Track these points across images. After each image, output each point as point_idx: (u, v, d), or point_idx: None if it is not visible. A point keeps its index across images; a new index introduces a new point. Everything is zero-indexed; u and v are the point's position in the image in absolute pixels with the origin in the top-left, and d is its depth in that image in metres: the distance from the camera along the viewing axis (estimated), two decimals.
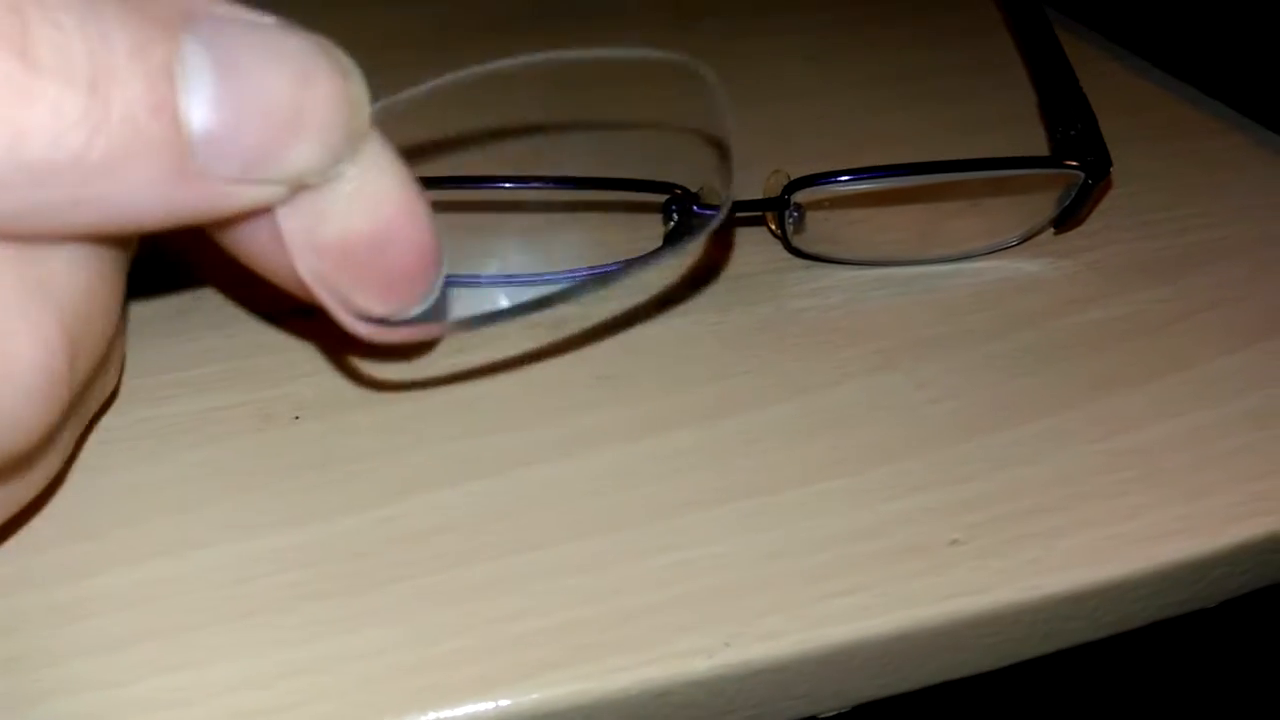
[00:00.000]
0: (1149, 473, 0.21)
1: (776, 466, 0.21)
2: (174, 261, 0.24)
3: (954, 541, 0.19)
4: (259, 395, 0.21)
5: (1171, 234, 0.28)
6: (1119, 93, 0.34)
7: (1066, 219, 0.26)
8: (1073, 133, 0.26)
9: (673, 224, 0.24)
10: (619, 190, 0.24)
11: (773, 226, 0.25)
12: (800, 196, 0.24)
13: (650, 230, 0.25)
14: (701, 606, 0.18)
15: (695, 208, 0.23)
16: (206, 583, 0.18)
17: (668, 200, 0.24)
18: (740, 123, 0.32)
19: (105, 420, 0.20)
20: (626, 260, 0.23)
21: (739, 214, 0.25)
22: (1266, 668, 0.34)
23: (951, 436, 0.22)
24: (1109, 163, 0.25)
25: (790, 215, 0.24)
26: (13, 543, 0.18)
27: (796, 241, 0.25)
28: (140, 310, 0.23)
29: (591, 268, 0.24)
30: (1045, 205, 0.26)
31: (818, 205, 0.25)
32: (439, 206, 0.16)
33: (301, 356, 0.22)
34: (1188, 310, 0.25)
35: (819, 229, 0.25)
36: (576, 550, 0.19)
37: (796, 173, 0.25)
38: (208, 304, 0.23)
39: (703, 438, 0.21)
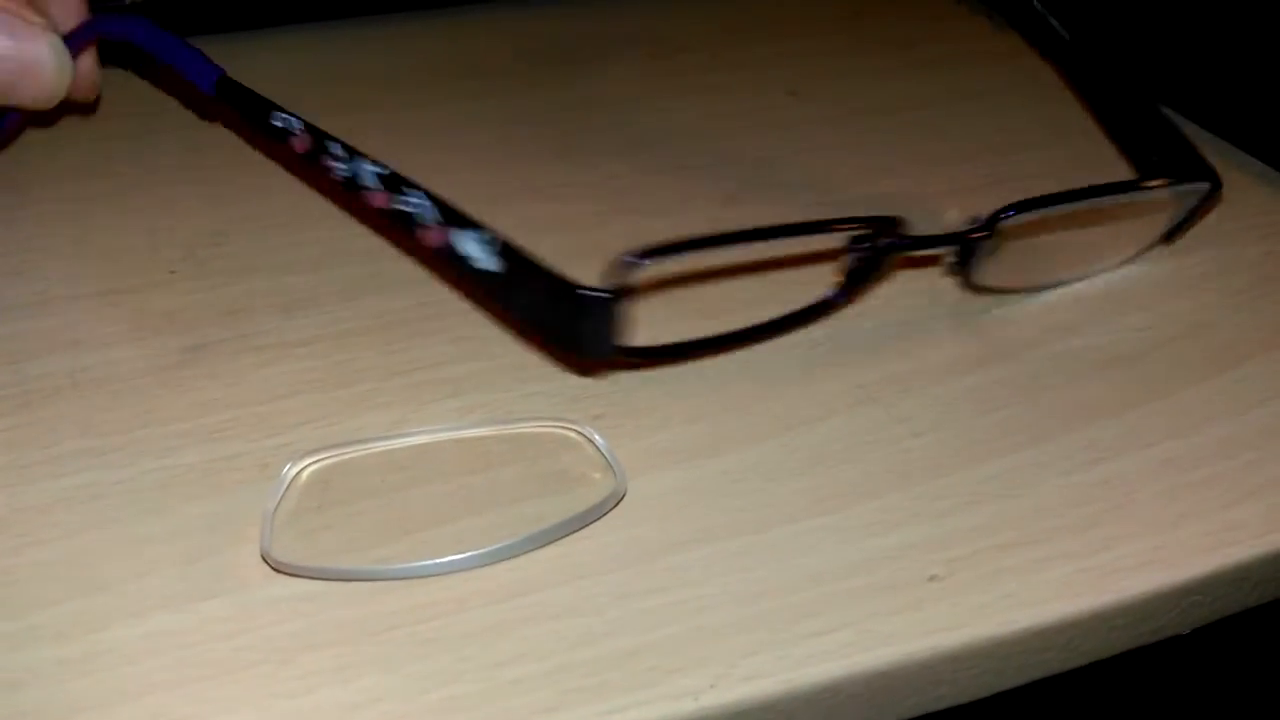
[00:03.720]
0: (1122, 504, 0.22)
1: (762, 505, 0.21)
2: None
3: (933, 577, 0.20)
4: (258, 445, 0.22)
5: (1149, 261, 0.28)
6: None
7: (1177, 232, 0.28)
8: (1156, 157, 0.29)
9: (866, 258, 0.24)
10: (814, 233, 0.24)
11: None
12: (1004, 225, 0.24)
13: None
14: (689, 648, 0.18)
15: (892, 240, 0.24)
16: (210, 635, 0.18)
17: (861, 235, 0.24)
18: (722, 157, 0.32)
19: (112, 472, 0.21)
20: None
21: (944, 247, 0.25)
22: (1239, 691, 0.35)
23: (931, 471, 0.22)
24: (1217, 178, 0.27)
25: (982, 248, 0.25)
26: (21, 597, 0.19)
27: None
28: (142, 362, 0.24)
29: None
30: (1153, 224, 0.28)
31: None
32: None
33: (300, 404, 0.23)
34: (1163, 338, 0.26)
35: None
36: (565, 594, 0.19)
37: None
38: (208, 355, 0.24)
39: (689, 478, 0.22)
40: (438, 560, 0.20)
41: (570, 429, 0.23)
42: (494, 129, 0.33)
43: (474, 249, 0.22)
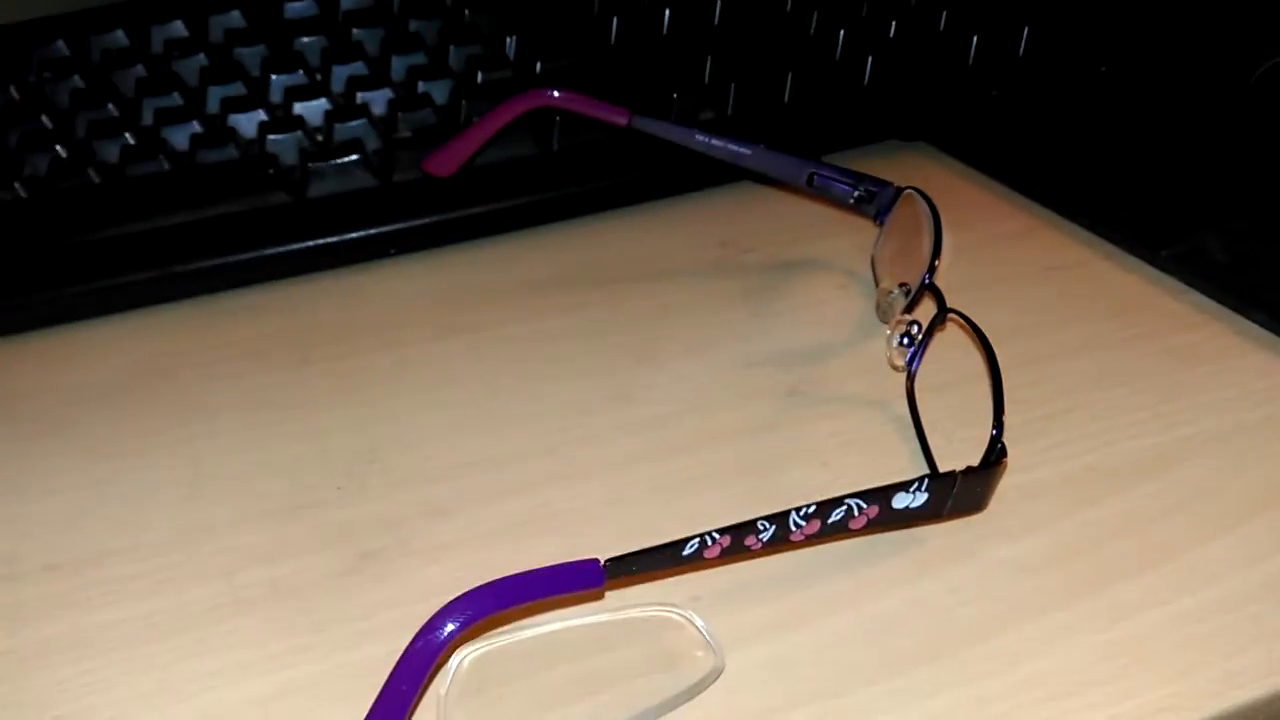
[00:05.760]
0: (1141, 657, 0.26)
1: (841, 672, 0.26)
2: None
3: None
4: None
5: (1159, 430, 0.33)
6: (1113, 294, 0.40)
7: None
8: None
9: None
10: None
11: None
12: None
13: None
14: None
15: None
16: None
17: None
18: (783, 351, 0.37)
19: (314, 666, 0.26)
20: None
21: None
22: None
23: (978, 635, 0.27)
24: None
25: None
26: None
27: None
28: (326, 569, 0.29)
29: None
30: None
31: None
32: None
33: None
34: (1174, 504, 0.30)
35: None
36: None
37: None
38: (376, 561, 0.30)
39: (778, 651, 0.27)
40: None
41: (673, 612, 0.28)
42: (579, 341, 0.39)
43: (905, 499, 0.27)
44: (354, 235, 0.41)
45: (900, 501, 0.27)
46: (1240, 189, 0.43)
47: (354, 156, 0.42)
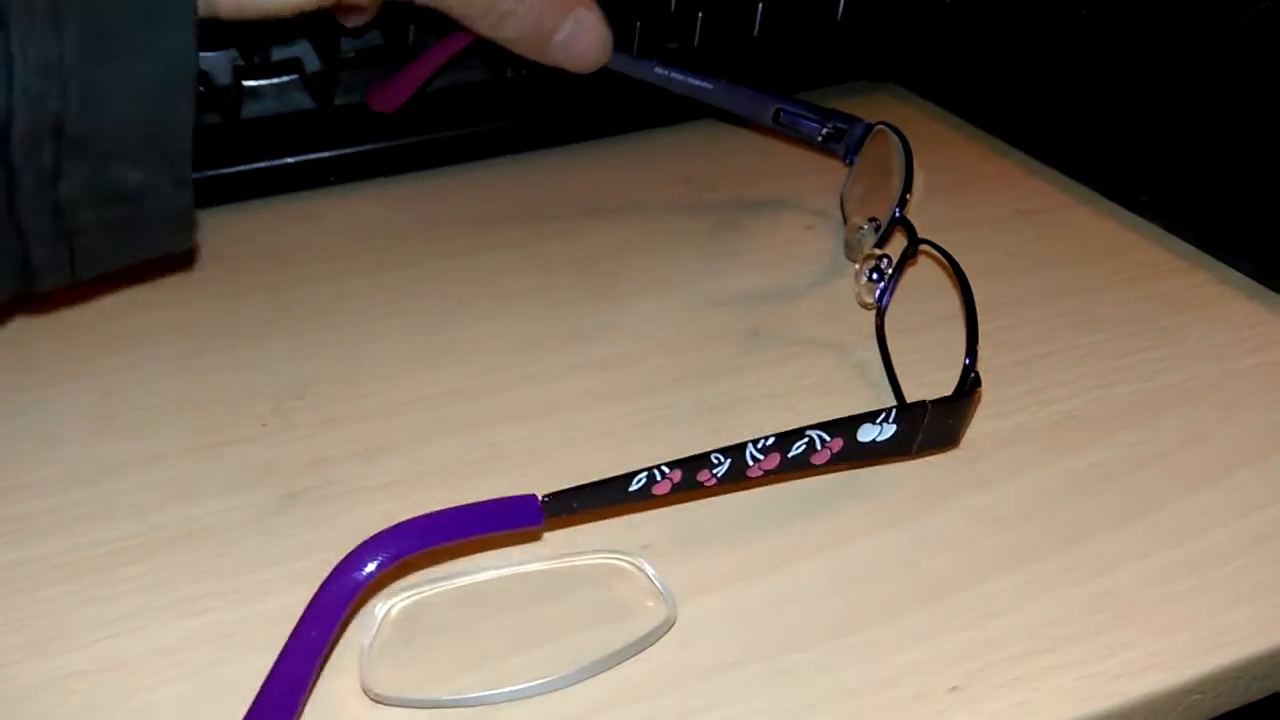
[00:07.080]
0: (1123, 613, 0.24)
1: (800, 625, 0.24)
2: None
3: (954, 688, 0.22)
4: None
5: (1141, 378, 0.31)
6: (1091, 238, 0.38)
7: None
8: None
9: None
10: None
11: None
12: None
13: None
14: None
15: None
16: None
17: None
18: (743, 292, 0.35)
19: (231, 613, 0.24)
20: None
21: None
22: None
23: (950, 588, 0.25)
24: None
25: None
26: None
27: None
28: (246, 511, 0.27)
29: None
30: None
31: None
32: None
33: None
34: (1156, 453, 0.29)
35: None
36: (626, 714, 0.22)
37: None
38: (301, 502, 0.27)
39: (733, 601, 0.25)
40: (514, 688, 0.22)
41: (622, 560, 0.25)
42: (532, 276, 0.37)
43: (872, 431, 0.25)
44: (290, 160, 0.39)
45: (867, 434, 0.25)
46: (1224, 135, 0.41)
47: (292, 76, 0.39)
